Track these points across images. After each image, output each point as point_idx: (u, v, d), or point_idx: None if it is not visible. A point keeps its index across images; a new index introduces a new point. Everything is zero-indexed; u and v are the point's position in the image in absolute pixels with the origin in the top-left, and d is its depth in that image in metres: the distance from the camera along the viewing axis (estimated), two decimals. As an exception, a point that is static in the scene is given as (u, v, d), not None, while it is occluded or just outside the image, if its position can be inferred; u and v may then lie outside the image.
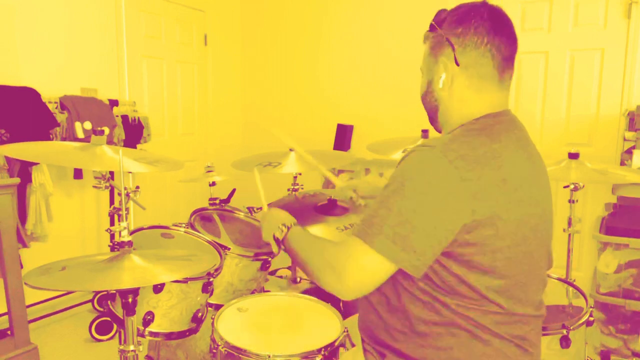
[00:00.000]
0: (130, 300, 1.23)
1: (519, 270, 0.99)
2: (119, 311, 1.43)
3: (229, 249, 1.79)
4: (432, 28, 1.09)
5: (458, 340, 0.98)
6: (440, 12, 1.09)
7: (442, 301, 0.98)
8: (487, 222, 0.93)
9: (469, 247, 0.94)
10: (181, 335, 1.58)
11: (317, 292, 2.32)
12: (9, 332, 2.06)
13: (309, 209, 2.05)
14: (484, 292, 0.96)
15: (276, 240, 1.23)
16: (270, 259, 1.93)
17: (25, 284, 1.07)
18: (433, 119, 1.14)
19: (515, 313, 1.00)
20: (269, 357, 1.27)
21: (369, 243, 0.94)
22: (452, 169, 0.92)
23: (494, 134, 1.01)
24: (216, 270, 1.63)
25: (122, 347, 1.28)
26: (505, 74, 1.06)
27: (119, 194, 1.74)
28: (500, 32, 1.02)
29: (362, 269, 0.96)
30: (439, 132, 1.16)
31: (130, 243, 1.25)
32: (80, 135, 2.93)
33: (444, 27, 1.06)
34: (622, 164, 2.81)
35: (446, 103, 1.09)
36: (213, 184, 2.37)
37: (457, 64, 1.04)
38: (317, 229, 1.90)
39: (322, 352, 1.32)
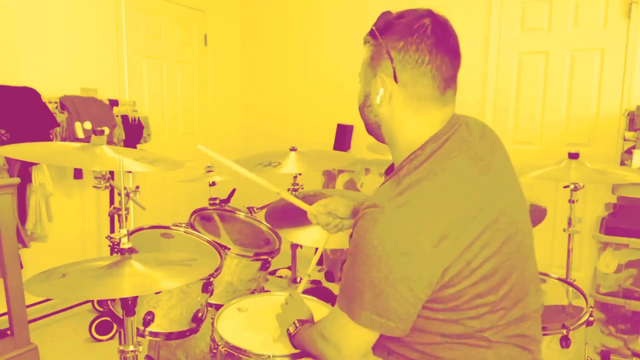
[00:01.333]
0: (130, 301, 1.23)
1: (505, 285, 0.97)
2: (118, 311, 1.43)
3: (229, 249, 1.79)
4: (372, 34, 0.99)
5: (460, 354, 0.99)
6: (385, 15, 1.00)
7: (433, 341, 0.98)
8: (459, 264, 0.90)
9: (449, 289, 0.92)
10: (181, 335, 1.58)
11: (317, 292, 2.32)
12: (9, 332, 2.06)
13: (309, 209, 2.05)
14: (476, 324, 0.95)
15: (288, 333, 1.26)
16: (270, 259, 1.93)
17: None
18: (375, 133, 1.07)
19: (510, 321, 0.99)
20: (269, 357, 1.27)
21: (356, 320, 0.97)
22: (410, 228, 0.88)
23: (438, 163, 0.94)
24: (216, 270, 1.63)
25: (122, 347, 1.28)
26: (448, 91, 0.98)
27: (119, 194, 1.74)
28: (443, 50, 0.95)
29: (355, 340, 1.00)
30: (384, 143, 1.08)
31: (130, 250, 1.25)
32: (80, 135, 2.93)
33: (385, 36, 0.96)
34: (622, 164, 2.80)
35: (387, 122, 1.02)
36: (213, 184, 2.37)
37: (396, 81, 0.96)
38: (317, 229, 1.90)
39: (322, 352, 1.32)
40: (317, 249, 1.63)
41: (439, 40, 0.95)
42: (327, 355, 1.07)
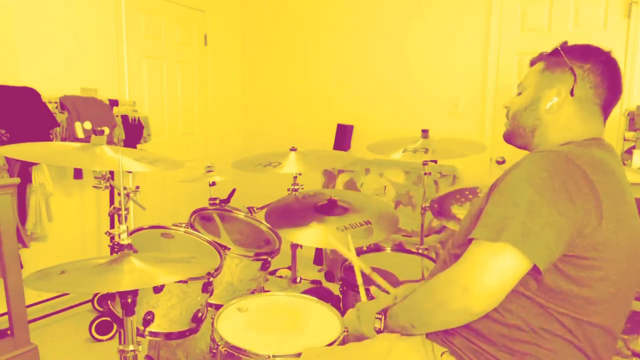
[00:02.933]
0: (129, 300, 1.23)
1: (623, 285, 1.01)
2: (118, 311, 1.43)
3: (229, 249, 1.79)
4: (556, 53, 1.15)
5: (538, 341, 1.00)
6: (566, 44, 1.16)
7: (539, 302, 0.99)
8: (609, 224, 0.96)
9: (589, 251, 0.95)
10: (181, 335, 1.58)
11: (317, 292, 2.32)
12: (9, 332, 2.06)
13: (309, 209, 2.05)
14: (589, 301, 0.98)
15: (379, 331, 1.21)
16: (270, 259, 1.93)
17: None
18: (522, 134, 1.20)
19: (610, 329, 1.02)
20: (269, 357, 1.27)
21: (495, 239, 0.93)
22: (579, 170, 0.96)
23: (605, 152, 1.07)
24: (216, 270, 1.63)
25: (122, 347, 1.28)
26: (607, 116, 1.14)
27: (119, 194, 1.74)
28: (615, 83, 1.12)
29: (489, 270, 0.93)
30: (523, 148, 1.21)
31: (129, 246, 1.25)
32: (80, 135, 2.93)
33: (569, 56, 1.12)
34: (622, 164, 2.80)
35: (548, 125, 1.14)
36: (213, 184, 2.37)
37: (572, 94, 1.10)
38: (317, 229, 1.90)
39: (322, 352, 1.32)
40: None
41: (615, 73, 1.13)
42: (445, 306, 0.98)
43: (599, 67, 1.10)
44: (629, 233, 1.01)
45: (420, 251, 2.19)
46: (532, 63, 1.21)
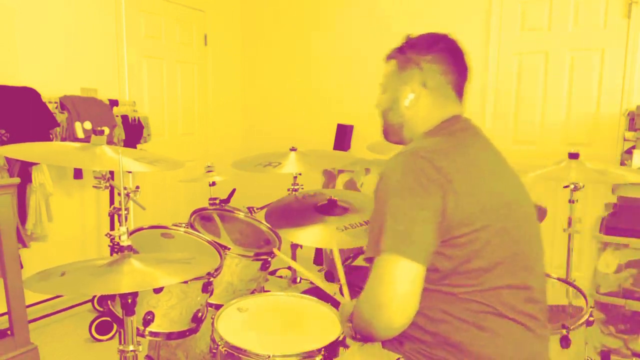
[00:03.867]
0: (129, 300, 1.23)
1: (512, 239, 1.05)
2: (118, 311, 1.43)
3: (229, 249, 1.79)
4: (402, 50, 1.21)
5: (464, 327, 1.02)
6: (408, 36, 1.22)
7: (445, 291, 1.02)
8: (467, 198, 1.01)
9: (460, 228, 1.00)
10: (181, 335, 1.58)
11: (317, 292, 2.32)
12: (9, 332, 2.06)
13: (309, 209, 2.05)
14: (481, 272, 1.01)
15: (353, 337, 1.21)
16: (270, 259, 1.93)
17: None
18: (395, 132, 1.27)
19: (521, 284, 1.05)
20: (269, 357, 1.27)
21: (378, 252, 0.99)
22: (426, 161, 1.02)
23: (457, 132, 1.14)
24: (216, 270, 1.63)
25: (122, 347, 1.28)
26: (462, 94, 1.22)
27: (119, 194, 1.74)
28: (459, 63, 1.20)
29: (388, 282, 0.97)
30: (399, 144, 1.27)
31: (129, 248, 1.25)
32: (80, 135, 2.93)
33: (413, 52, 1.19)
34: (622, 164, 2.80)
35: (411, 120, 1.21)
36: (213, 184, 2.37)
37: (425, 87, 1.18)
38: (317, 229, 1.90)
39: (322, 352, 1.32)
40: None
41: (456, 54, 1.20)
42: (372, 320, 1.00)
43: (442, 54, 1.17)
44: (490, 196, 1.05)
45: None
46: (387, 59, 1.27)
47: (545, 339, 1.11)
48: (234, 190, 2.47)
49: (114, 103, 3.24)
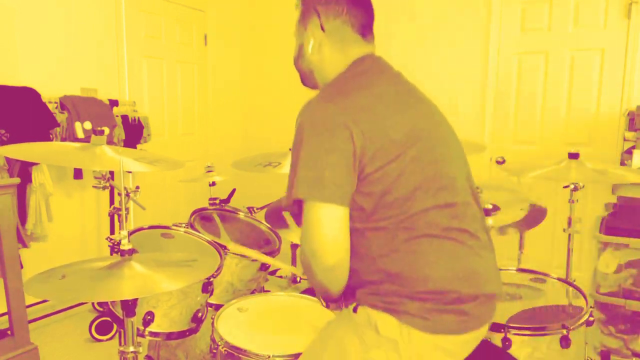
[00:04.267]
0: (130, 302, 1.23)
1: (421, 173, 1.07)
2: (118, 311, 1.43)
3: (229, 249, 1.79)
4: None
5: (399, 256, 1.05)
6: None
7: (374, 227, 1.05)
8: (373, 135, 1.02)
9: (373, 164, 1.02)
10: (181, 335, 1.58)
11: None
12: (9, 332, 2.06)
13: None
14: (407, 196, 1.04)
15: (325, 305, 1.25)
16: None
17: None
18: (308, 79, 1.29)
19: (448, 203, 1.07)
20: (269, 357, 1.27)
21: (292, 198, 1.03)
22: (330, 106, 1.05)
23: (362, 73, 1.15)
24: (216, 270, 1.63)
25: (122, 347, 1.28)
26: (368, 35, 1.23)
27: (119, 194, 1.74)
28: (357, 4, 1.20)
29: (313, 227, 1.02)
30: (314, 89, 1.28)
31: (130, 251, 1.25)
32: (80, 135, 2.93)
33: None
34: (622, 164, 2.80)
35: (318, 65, 1.23)
36: (213, 184, 2.37)
37: (323, 30, 1.19)
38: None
39: (322, 352, 1.31)
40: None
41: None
42: (309, 267, 1.06)
43: None
44: (397, 127, 1.06)
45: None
46: (295, 8, 1.31)
47: (485, 255, 1.12)
48: (234, 190, 2.47)
49: (114, 103, 3.24)
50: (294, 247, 2.39)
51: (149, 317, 1.48)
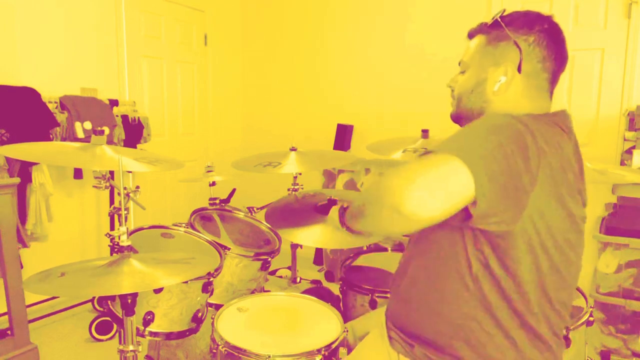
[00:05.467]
0: (129, 301, 1.23)
1: (564, 260, 0.97)
2: (118, 311, 1.43)
3: (229, 249, 1.79)
4: (496, 25, 1.03)
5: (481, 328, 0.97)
6: (510, 13, 1.04)
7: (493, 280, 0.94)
8: (547, 190, 0.89)
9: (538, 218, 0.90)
10: (181, 335, 1.58)
11: (317, 292, 2.32)
12: (9, 332, 2.06)
13: (309, 209, 2.05)
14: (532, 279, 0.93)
15: (342, 223, 1.14)
16: (270, 259, 1.93)
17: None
18: (470, 118, 1.07)
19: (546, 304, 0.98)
20: (269, 357, 1.27)
21: (442, 151, 0.82)
22: (528, 133, 0.86)
23: (558, 124, 0.98)
24: (216, 270, 1.63)
25: (122, 347, 1.28)
26: (554, 88, 1.07)
27: (119, 194, 1.74)
28: (561, 52, 1.03)
29: (426, 170, 0.80)
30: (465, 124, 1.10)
31: (129, 248, 1.25)
32: (80, 135, 2.93)
33: (511, 28, 1.01)
34: (622, 164, 2.80)
35: (495, 107, 1.05)
36: (213, 184, 2.37)
37: (519, 72, 1.01)
38: (316, 229, 1.90)
39: (322, 352, 1.32)
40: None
41: (559, 40, 1.03)
42: (386, 192, 0.82)
43: (544, 37, 1.01)
44: (564, 217, 0.95)
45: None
46: (471, 35, 1.10)
47: None
48: (234, 190, 2.47)
49: (114, 103, 3.24)
50: (294, 247, 2.39)
51: (149, 317, 1.48)
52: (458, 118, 1.12)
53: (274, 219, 2.00)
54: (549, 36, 1.01)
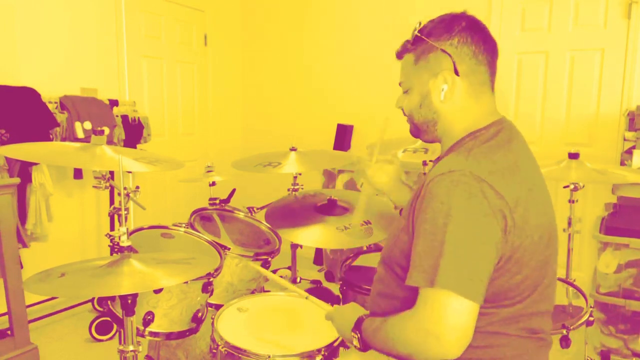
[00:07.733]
0: (129, 301, 1.23)
1: (541, 273, 1.02)
2: (118, 311, 1.43)
3: (229, 249, 1.79)
4: (418, 40, 1.07)
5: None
6: (420, 24, 1.09)
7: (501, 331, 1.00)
8: (521, 227, 0.94)
9: (510, 260, 0.95)
10: (181, 335, 1.58)
11: (317, 292, 2.32)
12: (9, 332, 2.06)
13: (309, 209, 2.05)
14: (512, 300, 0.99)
15: (361, 349, 1.13)
16: (270, 259, 1.93)
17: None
18: (427, 132, 1.13)
19: (534, 312, 1.03)
20: (269, 357, 1.27)
21: (433, 285, 0.90)
22: (487, 187, 0.92)
23: (506, 144, 1.02)
24: (216, 270, 1.63)
25: (122, 347, 1.28)
26: (494, 78, 1.09)
27: (119, 194, 1.74)
28: (487, 40, 1.06)
29: (448, 314, 0.89)
30: (433, 142, 1.15)
31: (129, 248, 1.25)
32: (80, 135, 2.93)
33: (434, 38, 1.05)
34: (622, 164, 2.80)
35: (446, 115, 1.08)
36: (213, 184, 2.37)
37: (457, 74, 1.04)
38: (317, 229, 1.90)
39: (322, 352, 1.32)
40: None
41: (481, 31, 1.07)
42: (424, 350, 0.92)
43: (466, 34, 1.04)
44: (539, 228, 1.00)
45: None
46: (399, 56, 1.13)
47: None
48: (234, 190, 2.47)
49: (114, 103, 3.24)
50: (294, 247, 2.39)
51: (149, 317, 1.48)
52: (417, 133, 1.17)
53: (274, 219, 2.00)
54: (471, 31, 1.05)
